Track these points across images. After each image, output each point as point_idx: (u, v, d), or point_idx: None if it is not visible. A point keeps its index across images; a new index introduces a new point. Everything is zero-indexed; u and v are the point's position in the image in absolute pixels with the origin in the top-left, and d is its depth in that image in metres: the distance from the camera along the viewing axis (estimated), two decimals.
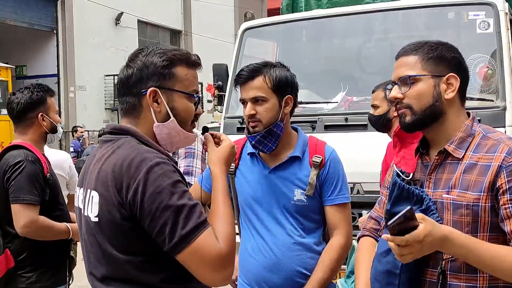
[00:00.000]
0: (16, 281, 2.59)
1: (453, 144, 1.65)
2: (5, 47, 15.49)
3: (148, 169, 1.42)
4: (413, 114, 1.66)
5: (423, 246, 1.47)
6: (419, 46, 1.69)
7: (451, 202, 1.59)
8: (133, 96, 1.56)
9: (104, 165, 1.50)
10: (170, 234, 1.39)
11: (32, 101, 2.68)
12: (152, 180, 1.41)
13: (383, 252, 1.64)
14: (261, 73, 2.12)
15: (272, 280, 2.16)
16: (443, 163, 1.67)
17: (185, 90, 1.59)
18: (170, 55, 1.57)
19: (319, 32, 4.65)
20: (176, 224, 1.39)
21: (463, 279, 1.58)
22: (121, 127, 1.59)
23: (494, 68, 3.66)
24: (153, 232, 1.41)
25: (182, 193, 1.43)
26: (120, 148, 1.51)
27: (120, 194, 1.43)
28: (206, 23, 21.12)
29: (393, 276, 1.61)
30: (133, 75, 1.56)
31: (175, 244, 1.39)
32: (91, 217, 1.51)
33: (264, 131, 2.12)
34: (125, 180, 1.43)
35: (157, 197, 1.39)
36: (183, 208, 1.40)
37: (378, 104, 3.08)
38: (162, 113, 1.56)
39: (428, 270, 1.61)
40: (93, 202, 1.50)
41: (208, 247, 1.39)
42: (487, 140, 1.63)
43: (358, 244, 1.94)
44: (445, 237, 1.50)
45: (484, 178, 1.57)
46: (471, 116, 1.71)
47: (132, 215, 1.43)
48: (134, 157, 1.45)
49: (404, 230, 1.46)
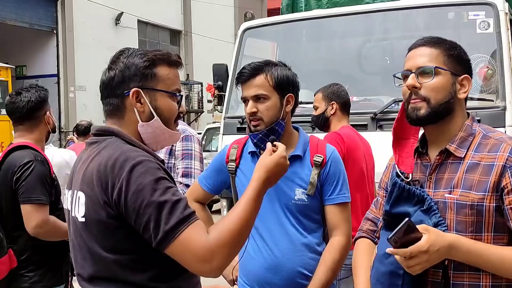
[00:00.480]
0: (19, 281, 2.59)
1: (454, 143, 1.65)
2: (5, 47, 15.49)
3: (131, 167, 1.44)
4: (429, 107, 1.63)
5: (430, 256, 1.48)
6: (440, 40, 1.69)
7: (455, 202, 1.59)
8: (116, 98, 1.60)
9: (89, 166, 1.53)
10: (155, 231, 1.41)
11: (41, 100, 2.71)
12: (134, 178, 1.43)
13: (385, 253, 1.62)
14: (262, 71, 2.12)
15: (272, 281, 2.16)
16: (444, 163, 1.66)
17: (167, 89, 1.62)
18: (151, 55, 1.60)
19: (319, 32, 4.66)
20: (159, 220, 1.41)
21: (466, 277, 1.58)
22: (105, 128, 1.62)
23: (494, 68, 3.66)
24: (139, 229, 1.44)
25: (164, 190, 1.44)
26: (104, 149, 1.54)
27: (105, 193, 1.46)
28: (206, 23, 21.11)
29: (397, 277, 1.61)
30: (115, 77, 1.59)
31: (160, 240, 1.41)
32: (78, 218, 1.54)
33: (266, 130, 2.12)
34: (110, 179, 1.45)
35: (140, 195, 1.42)
36: (165, 204, 1.42)
37: (317, 105, 3.36)
38: (145, 112, 1.59)
39: (431, 270, 1.60)
40: (80, 203, 1.53)
41: (193, 240, 1.41)
42: (488, 139, 1.63)
43: (355, 245, 1.93)
44: (451, 245, 1.51)
45: (488, 178, 1.57)
46: (470, 116, 1.72)
47: (119, 213, 1.45)
48: (118, 157, 1.48)
49: (407, 243, 1.46)
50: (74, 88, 16.50)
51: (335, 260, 2.12)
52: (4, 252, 2.51)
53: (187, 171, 3.23)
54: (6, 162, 2.62)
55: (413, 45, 1.72)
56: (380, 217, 1.84)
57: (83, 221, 1.52)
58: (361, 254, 1.87)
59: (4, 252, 2.51)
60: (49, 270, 2.66)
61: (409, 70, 1.68)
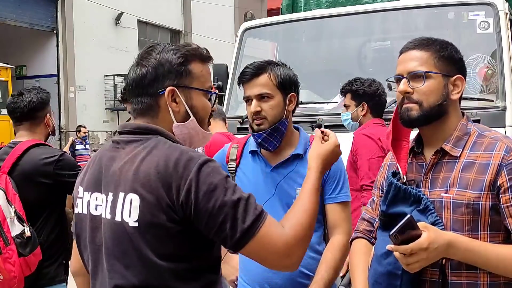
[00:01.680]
0: (41, 276, 2.60)
1: (449, 143, 1.66)
2: (5, 47, 15.50)
3: (198, 167, 1.37)
4: (421, 110, 1.64)
5: (429, 254, 1.48)
6: (430, 42, 1.68)
7: (451, 201, 1.59)
8: (149, 96, 1.50)
9: (142, 166, 1.41)
10: (232, 231, 1.35)
11: (42, 101, 2.73)
12: (203, 179, 1.36)
13: (383, 254, 1.63)
14: (266, 71, 2.12)
15: (273, 280, 2.16)
16: (439, 162, 1.67)
17: (202, 87, 1.54)
18: (184, 51, 1.51)
19: (319, 32, 4.66)
20: (236, 220, 1.35)
21: (464, 276, 1.59)
22: (148, 126, 1.50)
23: (494, 68, 3.66)
24: (211, 231, 1.37)
25: (234, 188, 1.39)
26: (156, 149, 1.43)
27: (169, 196, 1.36)
28: (206, 23, 21.12)
29: (395, 277, 1.61)
30: (148, 74, 1.48)
31: (239, 240, 1.36)
32: (129, 222, 1.40)
33: (270, 129, 2.12)
34: (174, 180, 1.37)
35: (212, 195, 1.35)
36: (239, 202, 1.37)
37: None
38: (181, 112, 1.51)
39: (428, 270, 1.60)
40: (133, 206, 1.39)
41: (273, 236, 1.38)
42: (483, 138, 1.64)
43: (352, 246, 1.93)
44: (449, 243, 1.51)
45: (484, 176, 1.57)
46: (465, 116, 1.73)
47: (184, 217, 1.37)
48: (180, 157, 1.39)
49: (407, 240, 1.46)
50: (74, 88, 16.50)
51: (336, 259, 2.12)
52: (37, 244, 2.54)
53: None
54: (29, 155, 2.61)
55: (403, 48, 1.72)
56: (376, 217, 1.84)
57: (136, 225, 1.39)
58: (358, 254, 1.87)
59: (37, 244, 2.54)
60: (61, 264, 2.70)
61: (400, 74, 1.68)
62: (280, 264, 1.43)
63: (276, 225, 1.41)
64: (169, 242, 1.39)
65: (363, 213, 1.94)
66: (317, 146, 1.69)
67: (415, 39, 1.71)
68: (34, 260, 2.52)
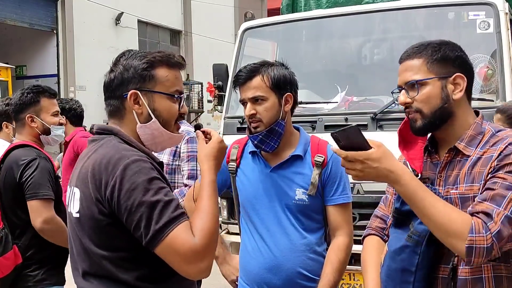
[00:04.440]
0: (23, 280, 2.61)
1: (463, 142, 1.66)
2: (5, 47, 15.49)
3: (125, 166, 1.47)
4: (423, 118, 1.66)
5: (365, 168, 1.53)
6: (422, 48, 1.69)
7: (458, 197, 1.60)
8: (116, 99, 1.63)
9: (86, 163, 1.57)
10: (145, 229, 1.43)
11: (21, 103, 2.73)
12: (128, 177, 1.45)
13: (397, 250, 1.65)
14: (259, 73, 2.12)
15: (272, 281, 2.16)
16: (453, 160, 1.68)
17: (166, 91, 1.62)
18: (150, 57, 1.62)
19: (319, 32, 4.65)
20: (150, 219, 1.43)
21: (469, 272, 1.59)
22: (106, 127, 1.65)
23: (494, 68, 3.66)
24: (131, 227, 1.46)
25: (157, 190, 1.46)
26: (101, 147, 1.57)
27: (99, 190, 1.48)
28: (206, 23, 21.10)
29: (409, 274, 1.62)
30: (115, 79, 1.62)
31: (150, 239, 1.43)
32: (73, 213, 1.58)
33: (266, 131, 2.12)
34: (104, 177, 1.48)
35: (132, 194, 1.44)
36: (157, 204, 1.44)
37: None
38: (144, 114, 1.61)
39: (441, 267, 1.62)
40: (75, 199, 1.57)
41: (181, 241, 1.42)
42: (496, 138, 1.64)
43: (364, 243, 1.93)
44: (392, 171, 1.54)
45: (485, 168, 1.58)
46: (480, 115, 1.72)
47: (111, 211, 1.47)
48: (113, 155, 1.50)
49: (351, 148, 1.54)
50: (74, 88, 16.49)
51: (341, 261, 2.12)
52: (9, 247, 2.53)
53: (193, 173, 3.26)
54: (8, 159, 2.64)
55: (400, 58, 1.74)
56: (389, 214, 1.84)
57: (77, 216, 1.56)
58: (370, 251, 1.88)
59: (9, 247, 2.53)
60: (53, 268, 2.68)
61: (400, 86, 1.71)
62: (187, 270, 1.46)
63: (188, 232, 1.45)
64: (102, 233, 1.51)
65: (376, 210, 1.95)
66: (202, 147, 1.70)
67: (408, 49, 1.73)
68: (6, 264, 2.51)
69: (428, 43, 1.70)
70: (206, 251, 1.45)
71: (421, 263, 1.60)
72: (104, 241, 1.52)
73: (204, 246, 1.44)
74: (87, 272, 1.56)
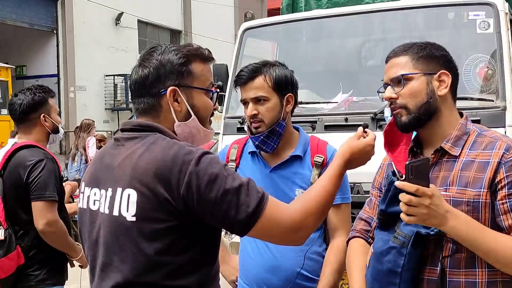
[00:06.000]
0: (25, 279, 2.61)
1: (449, 142, 1.67)
2: (5, 47, 15.51)
3: (197, 160, 1.40)
4: (408, 113, 1.67)
5: (431, 206, 1.46)
6: (408, 47, 1.72)
7: (450, 199, 1.60)
8: (151, 97, 1.53)
9: (140, 162, 1.43)
10: (238, 216, 1.40)
11: (34, 102, 2.73)
12: (203, 170, 1.39)
13: (383, 251, 1.64)
14: (261, 73, 2.12)
15: (271, 281, 2.15)
16: (439, 161, 1.68)
17: (203, 86, 1.57)
18: (185, 51, 1.54)
19: (319, 32, 4.65)
20: (240, 206, 1.40)
21: (463, 275, 1.59)
22: (148, 124, 1.53)
23: (494, 68, 3.65)
24: (217, 220, 1.42)
25: (233, 174, 1.44)
26: (154, 145, 1.46)
27: (168, 191, 1.39)
28: (206, 23, 21.13)
29: (394, 275, 1.61)
30: (150, 75, 1.52)
31: (246, 224, 1.41)
32: (127, 217, 1.42)
33: (268, 131, 2.12)
34: (173, 176, 1.39)
35: (214, 185, 1.39)
36: (241, 188, 1.41)
37: None
38: (182, 112, 1.54)
39: (427, 268, 1.62)
40: (130, 201, 1.42)
41: (277, 213, 1.44)
42: (483, 138, 1.65)
43: (349, 245, 1.93)
44: (450, 209, 1.52)
45: (483, 174, 1.58)
46: (464, 115, 1.74)
47: (186, 210, 1.39)
48: (177, 152, 1.42)
49: (416, 183, 1.45)
50: (74, 88, 16.51)
51: (340, 261, 2.11)
52: (13, 248, 2.54)
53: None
54: (14, 160, 2.63)
55: (387, 57, 1.76)
56: (374, 217, 1.85)
57: (133, 220, 1.41)
58: (356, 253, 1.87)
59: (13, 248, 2.54)
60: (54, 268, 2.69)
61: (386, 83, 1.73)
62: (288, 239, 1.49)
63: (278, 203, 1.47)
64: (166, 236, 1.41)
65: (361, 213, 1.95)
66: (352, 139, 1.70)
67: (394, 48, 1.75)
68: (10, 264, 2.52)
69: (414, 42, 1.73)
70: (306, 219, 1.47)
71: (407, 264, 1.59)
72: (168, 245, 1.41)
73: (303, 214, 1.47)
74: (133, 281, 1.43)
